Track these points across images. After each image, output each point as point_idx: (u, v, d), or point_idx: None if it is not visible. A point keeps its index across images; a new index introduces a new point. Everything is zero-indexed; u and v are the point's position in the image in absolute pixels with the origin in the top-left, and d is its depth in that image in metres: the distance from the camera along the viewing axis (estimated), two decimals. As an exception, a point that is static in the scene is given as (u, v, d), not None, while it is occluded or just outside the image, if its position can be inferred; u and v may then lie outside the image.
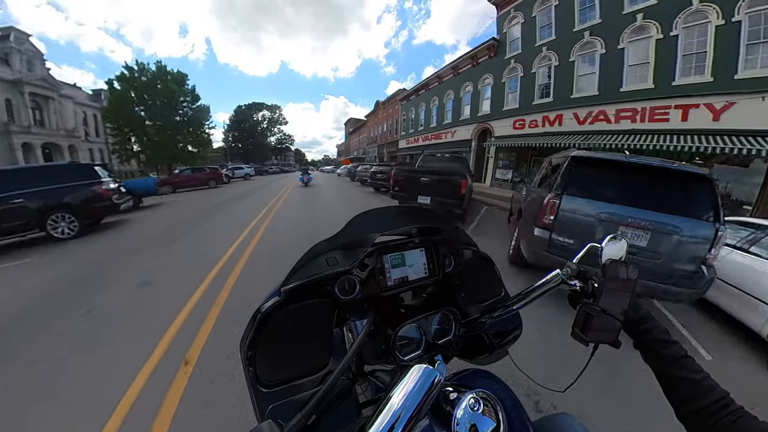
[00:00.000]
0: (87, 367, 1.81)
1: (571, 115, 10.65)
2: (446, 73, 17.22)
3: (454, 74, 16.53)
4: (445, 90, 17.34)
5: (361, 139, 45.37)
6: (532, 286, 0.56)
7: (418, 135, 21.03)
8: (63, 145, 22.79)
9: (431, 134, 18.97)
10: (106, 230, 5.71)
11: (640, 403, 1.65)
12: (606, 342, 0.49)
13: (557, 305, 2.11)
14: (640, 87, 8.71)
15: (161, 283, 3.05)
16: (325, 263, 0.59)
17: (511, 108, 12.94)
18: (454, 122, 16.55)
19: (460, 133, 16.03)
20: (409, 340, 0.58)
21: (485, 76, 14.24)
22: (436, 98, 18.42)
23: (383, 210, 0.67)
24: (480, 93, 14.63)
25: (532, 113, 12.01)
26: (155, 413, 1.47)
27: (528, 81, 12.20)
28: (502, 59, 13.34)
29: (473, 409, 0.42)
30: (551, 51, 11.26)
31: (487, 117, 14.24)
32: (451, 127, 16.79)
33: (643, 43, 8.63)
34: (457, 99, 16.27)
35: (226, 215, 7.13)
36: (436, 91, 18.42)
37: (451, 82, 16.88)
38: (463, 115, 15.88)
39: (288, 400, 0.46)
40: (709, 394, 0.43)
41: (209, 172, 15.21)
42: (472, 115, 15.18)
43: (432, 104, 19.01)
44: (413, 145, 21.94)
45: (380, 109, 32.12)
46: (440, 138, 17.83)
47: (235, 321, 2.24)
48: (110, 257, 4.00)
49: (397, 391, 0.37)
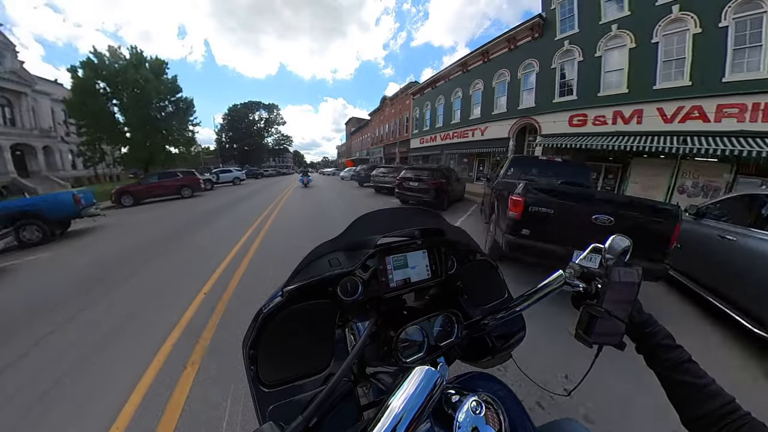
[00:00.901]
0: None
1: (654, 111, 8.57)
2: (473, 59, 15.08)
3: (483, 60, 14.39)
4: (472, 80, 15.17)
5: (364, 139, 43.47)
6: (535, 288, 0.57)
7: (436, 133, 18.75)
8: (37, 147, 21.03)
9: (453, 132, 16.70)
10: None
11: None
12: (610, 344, 0.50)
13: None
14: (752, 77, 6.74)
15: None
16: (327, 264, 0.60)
17: (567, 100, 10.81)
18: (485, 117, 14.32)
19: (493, 130, 13.80)
20: (412, 342, 0.59)
21: (528, 61, 12.12)
22: (460, 90, 16.24)
23: (386, 211, 0.71)
24: (520, 82, 12.49)
25: (597, 107, 9.89)
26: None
27: (590, 67, 10.10)
28: (551, 41, 11.23)
29: (475, 412, 0.43)
30: (624, 30, 9.22)
31: (530, 111, 12.08)
32: (480, 124, 14.56)
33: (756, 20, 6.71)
34: (488, 90, 14.11)
35: (182, 251, 4.55)
36: (460, 81, 16.23)
37: (479, 71, 14.72)
38: (497, 108, 13.70)
39: (289, 401, 0.47)
40: (713, 399, 0.44)
41: (182, 177, 12.50)
42: (510, 109, 13.00)
43: (453, 97, 16.81)
44: (429, 144, 19.66)
45: (387, 106, 29.79)
46: (465, 136, 15.60)
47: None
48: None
49: (398, 393, 0.38)
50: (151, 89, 17.40)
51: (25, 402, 1.63)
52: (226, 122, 50.57)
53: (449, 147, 17.06)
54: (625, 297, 0.50)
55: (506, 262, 3.45)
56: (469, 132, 15.23)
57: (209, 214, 8.12)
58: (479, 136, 14.53)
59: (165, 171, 13.44)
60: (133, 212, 9.15)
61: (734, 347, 2.21)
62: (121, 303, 2.76)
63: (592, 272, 0.54)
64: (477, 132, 14.69)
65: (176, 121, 20.09)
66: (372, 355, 0.63)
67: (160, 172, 13.17)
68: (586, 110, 10.20)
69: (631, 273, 0.50)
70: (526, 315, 0.67)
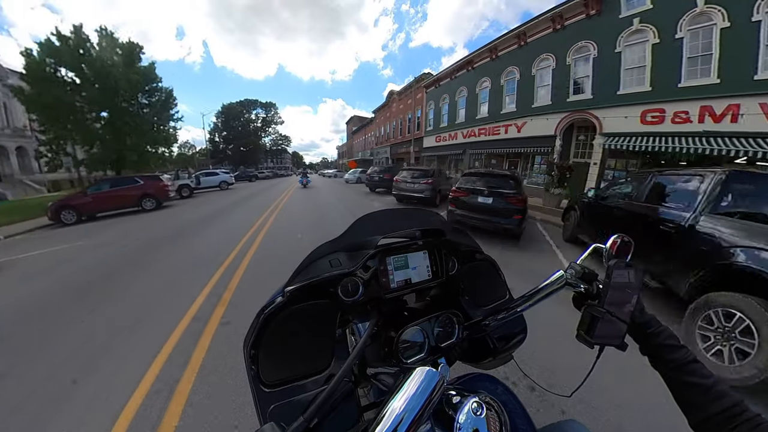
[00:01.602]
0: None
1: (756, 107, 7.02)
2: (505, 44, 13.29)
3: (519, 44, 12.61)
4: (503, 67, 13.39)
5: (367, 138, 41.83)
6: (536, 288, 0.59)
7: (456, 130, 16.94)
8: (9, 147, 19.48)
9: (479, 128, 14.92)
10: None
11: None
12: (612, 344, 0.51)
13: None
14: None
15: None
16: (328, 265, 0.61)
17: (637, 92, 9.16)
18: (522, 111, 12.54)
19: (533, 126, 12.05)
20: (412, 343, 0.61)
21: (581, 44, 10.39)
22: (487, 80, 14.45)
23: (386, 212, 0.74)
24: (569, 69, 10.77)
25: (677, 100, 8.28)
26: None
27: (668, 52, 8.42)
28: (615, 19, 9.52)
29: (476, 414, 0.43)
30: (713, 6, 7.59)
31: (585, 104, 10.40)
32: (516, 119, 12.80)
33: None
34: (527, 79, 12.34)
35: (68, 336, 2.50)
36: (487, 70, 14.44)
37: (513, 57, 12.94)
38: (539, 100, 11.95)
39: (290, 401, 0.48)
40: (721, 400, 0.44)
41: (143, 184, 9.98)
42: (556, 102, 11.28)
43: (480, 87, 15.01)
44: (447, 143, 17.83)
45: (394, 102, 27.84)
46: (496, 133, 13.85)
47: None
48: None
49: (399, 394, 0.39)
50: (120, 77, 14.92)
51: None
52: (221, 121, 49.05)
53: (474, 145, 15.29)
54: (627, 297, 0.51)
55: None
56: (501, 128, 13.47)
57: (175, 235, 6.10)
58: (514, 133, 12.79)
59: (120, 177, 10.80)
60: (65, 235, 6.70)
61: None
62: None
63: (593, 272, 0.57)
64: (512, 128, 12.94)
65: (154, 115, 17.68)
66: (373, 355, 0.65)
67: (114, 178, 10.42)
68: (663, 104, 8.55)
69: (633, 273, 0.52)
70: (527, 314, 0.68)
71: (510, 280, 0.83)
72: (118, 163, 16.14)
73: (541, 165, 12.10)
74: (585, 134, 11.06)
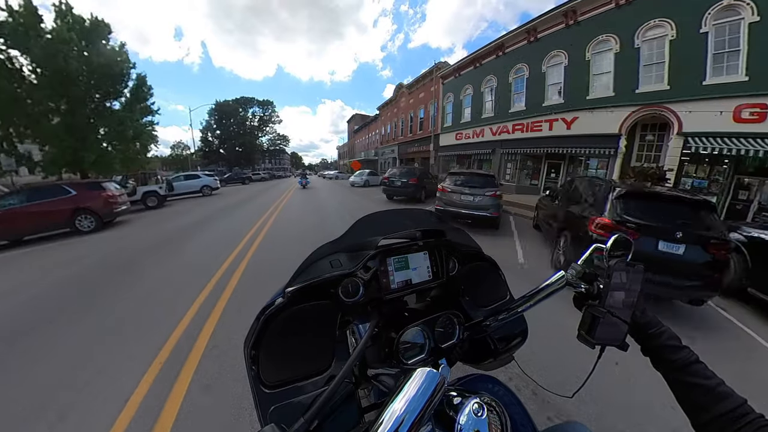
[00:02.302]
0: None
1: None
2: (547, 24, 11.67)
3: (566, 24, 11.01)
4: (545, 51, 11.76)
5: (370, 137, 40.30)
6: (537, 288, 0.61)
7: (482, 125, 15.29)
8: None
9: (514, 123, 13.30)
10: None
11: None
12: (613, 344, 0.52)
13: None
14: None
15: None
16: (328, 266, 0.63)
17: (728, 82, 7.65)
18: (573, 103, 10.90)
19: (588, 121, 10.45)
20: (413, 344, 0.64)
21: (651, 22, 8.83)
22: (524, 66, 12.81)
23: (387, 213, 0.78)
24: (637, 54, 9.22)
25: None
26: None
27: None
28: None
29: (477, 415, 0.44)
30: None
31: (660, 96, 8.85)
32: (564, 112, 11.21)
33: None
34: (578, 65, 10.72)
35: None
36: (523, 55, 12.80)
37: (558, 39, 11.33)
38: (595, 92, 10.39)
39: (290, 402, 0.49)
40: (724, 401, 0.44)
41: (75, 195, 7.20)
42: (619, 93, 9.71)
43: (513, 76, 13.36)
44: (471, 140, 16.16)
45: (403, 96, 26.06)
46: (536, 129, 12.22)
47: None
48: None
49: (400, 395, 0.40)
50: (75, 59, 12.61)
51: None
52: (214, 119, 47.42)
53: (507, 144, 13.67)
54: (628, 297, 0.52)
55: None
56: (544, 124, 11.87)
57: (62, 303, 3.52)
58: (562, 130, 11.20)
59: (43, 185, 7.79)
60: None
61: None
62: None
63: (593, 272, 0.58)
64: (558, 124, 11.35)
65: (127, 108, 15.39)
66: (373, 356, 0.68)
67: (32, 188, 7.37)
68: (764, 98, 7.09)
69: (633, 273, 0.53)
70: (527, 314, 0.69)
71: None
72: (74, 164, 13.81)
73: (597, 170, 10.55)
74: (653, 133, 9.56)
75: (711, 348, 2.62)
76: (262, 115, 53.69)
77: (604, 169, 10.38)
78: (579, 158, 11.29)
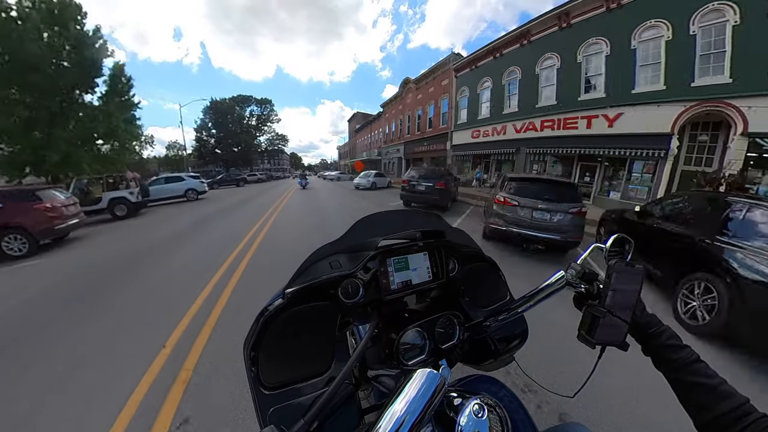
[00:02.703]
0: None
1: None
2: (582, 7, 10.66)
3: (607, 7, 10.02)
4: (581, 39, 10.74)
5: (373, 136, 39.29)
6: (537, 289, 0.62)
7: (504, 122, 14.26)
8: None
9: (543, 120, 12.27)
10: None
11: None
12: (613, 344, 0.53)
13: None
14: None
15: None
16: (328, 267, 0.64)
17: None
18: (616, 98, 9.85)
19: (633, 118, 9.45)
20: (413, 345, 0.65)
21: (710, 5, 7.85)
22: (554, 56, 11.79)
23: (387, 214, 0.78)
24: (693, 41, 8.27)
25: None
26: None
27: None
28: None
29: (477, 416, 0.45)
30: None
31: (722, 91, 7.94)
32: (604, 108, 10.20)
33: None
34: (621, 53, 9.68)
35: None
36: (554, 42, 11.77)
37: (596, 24, 10.34)
38: (642, 85, 9.38)
39: (290, 404, 0.50)
40: (726, 400, 0.45)
41: (1, 208, 5.72)
42: (672, 86, 8.76)
43: (541, 66, 12.34)
44: (490, 138, 15.16)
45: (410, 91, 24.96)
46: (570, 127, 11.18)
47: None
48: None
49: (400, 396, 0.41)
50: (33, 42, 11.01)
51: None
52: (209, 118, 46.48)
53: (534, 143, 12.70)
54: (628, 297, 0.53)
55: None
56: (580, 121, 10.90)
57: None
58: (602, 128, 10.24)
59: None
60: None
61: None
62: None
63: (593, 272, 0.59)
64: (598, 122, 10.38)
65: (102, 101, 14.01)
66: (373, 357, 0.69)
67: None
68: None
69: (633, 273, 0.54)
70: (528, 314, 0.69)
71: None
72: (35, 165, 12.33)
73: (643, 174, 9.65)
74: (706, 133, 8.68)
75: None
76: (260, 114, 52.94)
77: (651, 173, 9.46)
78: (620, 160, 10.34)
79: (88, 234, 7.70)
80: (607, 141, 10.08)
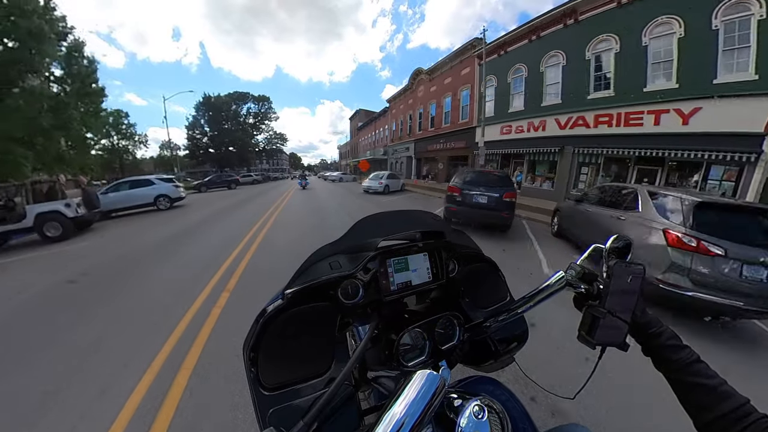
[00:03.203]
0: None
1: None
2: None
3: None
4: (646, 19, 9.30)
5: (377, 134, 37.85)
6: (537, 289, 0.64)
7: (544, 116, 12.72)
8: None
9: (596, 114, 10.73)
10: None
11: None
12: (613, 344, 0.54)
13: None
14: None
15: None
16: (328, 267, 0.65)
17: None
18: (692, 90, 8.40)
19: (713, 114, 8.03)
20: (413, 346, 0.66)
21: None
22: (610, 38, 10.29)
23: (386, 214, 0.79)
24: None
25: None
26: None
27: None
28: None
29: (478, 417, 0.45)
30: None
31: None
32: (678, 101, 8.69)
33: None
34: (700, 35, 8.18)
35: None
36: (607, 22, 10.29)
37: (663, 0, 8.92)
38: (725, 74, 7.90)
39: (289, 405, 0.50)
40: (727, 401, 0.45)
41: None
42: (765, 77, 7.40)
43: (592, 51, 10.85)
44: (525, 135, 13.69)
45: (422, 83, 23.26)
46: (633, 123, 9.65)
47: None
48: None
49: (400, 398, 0.41)
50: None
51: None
52: (202, 115, 44.55)
53: (582, 141, 11.29)
54: (628, 298, 0.54)
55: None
56: (647, 117, 9.49)
57: None
58: (675, 125, 8.84)
59: None
60: None
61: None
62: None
63: (593, 273, 0.60)
64: (670, 117, 8.97)
65: (57, 84, 11.94)
66: (373, 359, 0.70)
67: None
68: None
69: (633, 273, 0.55)
70: (528, 315, 0.70)
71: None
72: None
73: (722, 181, 8.36)
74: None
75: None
76: (257, 111, 51.14)
77: (732, 180, 8.16)
78: (692, 164, 9.02)
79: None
80: (678, 141, 8.72)
